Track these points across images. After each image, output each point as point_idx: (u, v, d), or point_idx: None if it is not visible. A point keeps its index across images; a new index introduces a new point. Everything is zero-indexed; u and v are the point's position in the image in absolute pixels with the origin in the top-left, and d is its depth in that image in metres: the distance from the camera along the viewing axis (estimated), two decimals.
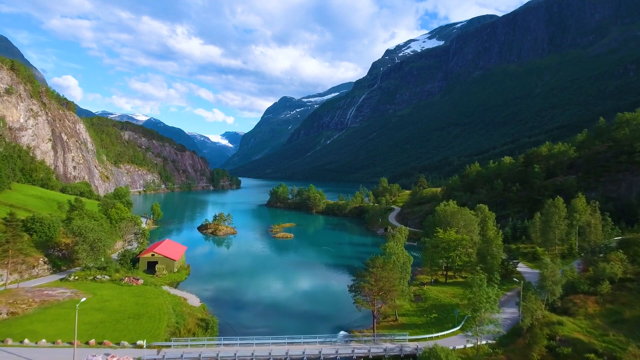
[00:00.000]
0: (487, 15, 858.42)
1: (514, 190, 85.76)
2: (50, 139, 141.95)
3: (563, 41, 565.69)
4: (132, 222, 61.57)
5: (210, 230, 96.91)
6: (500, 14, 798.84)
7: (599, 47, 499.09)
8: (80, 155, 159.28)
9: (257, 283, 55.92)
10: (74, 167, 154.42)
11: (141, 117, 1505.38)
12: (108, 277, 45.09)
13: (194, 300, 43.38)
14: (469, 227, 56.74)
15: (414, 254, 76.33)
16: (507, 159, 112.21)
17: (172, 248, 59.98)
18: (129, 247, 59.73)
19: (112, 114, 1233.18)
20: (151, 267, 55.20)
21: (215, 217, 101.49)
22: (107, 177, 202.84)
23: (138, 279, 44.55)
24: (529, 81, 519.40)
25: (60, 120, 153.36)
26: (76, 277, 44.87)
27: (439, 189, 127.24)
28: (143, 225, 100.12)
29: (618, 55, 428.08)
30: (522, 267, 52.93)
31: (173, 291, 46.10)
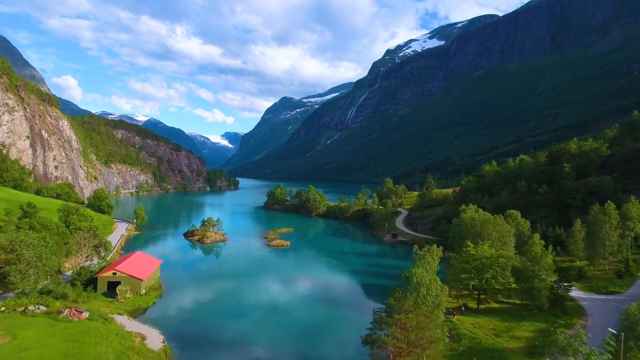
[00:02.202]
0: (487, 15, 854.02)
1: (541, 192, 75.63)
2: (28, 137, 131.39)
3: (565, 40, 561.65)
4: (90, 233, 51.05)
5: (196, 238, 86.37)
6: (500, 14, 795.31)
7: (601, 46, 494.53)
8: (63, 154, 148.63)
9: (241, 308, 45.43)
10: (56, 167, 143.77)
11: (141, 118, 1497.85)
12: (45, 308, 34.67)
13: (154, 339, 32.99)
14: (503, 240, 46.49)
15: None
16: (527, 158, 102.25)
17: (140, 264, 49.48)
18: (88, 264, 49.24)
19: (111, 114, 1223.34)
20: (113, 288, 44.78)
21: (203, 222, 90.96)
22: (95, 178, 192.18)
23: (82, 312, 34.10)
24: (530, 81, 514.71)
25: (40, 117, 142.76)
26: (2, 308, 34.45)
27: (449, 190, 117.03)
28: (122, 231, 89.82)
29: (621, 54, 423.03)
30: (574, 291, 42.25)
31: (131, 325, 35.66)
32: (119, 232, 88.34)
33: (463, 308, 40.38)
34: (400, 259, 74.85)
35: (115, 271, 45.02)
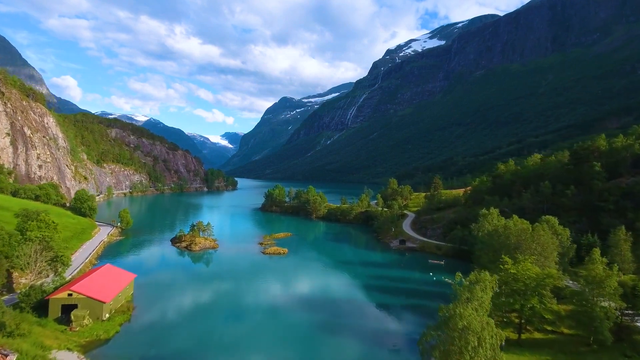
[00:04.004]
0: (488, 14, 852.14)
1: (569, 194, 67.66)
2: (8, 134, 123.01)
3: (567, 40, 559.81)
4: (42, 245, 42.48)
5: (184, 244, 78.05)
6: (500, 14, 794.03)
7: (603, 46, 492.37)
8: (48, 153, 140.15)
9: (226, 338, 37.19)
10: (40, 166, 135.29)
11: (141, 118, 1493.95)
12: None
13: None
14: (544, 254, 38.30)
15: (447, 279, 57.98)
16: (537, 156, 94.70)
17: (106, 280, 41.19)
18: (40, 282, 40.80)
19: (111, 114, 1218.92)
20: (69, 312, 36.52)
21: (192, 227, 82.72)
22: (85, 178, 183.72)
23: (7, 354, 26.04)
24: (532, 80, 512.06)
25: (23, 113, 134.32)
26: None
27: (460, 191, 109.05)
28: (103, 237, 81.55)
29: (623, 53, 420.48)
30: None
31: None
32: (99, 238, 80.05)
33: (503, 343, 32.17)
34: (410, 270, 66.80)
35: (71, 291, 36.75)
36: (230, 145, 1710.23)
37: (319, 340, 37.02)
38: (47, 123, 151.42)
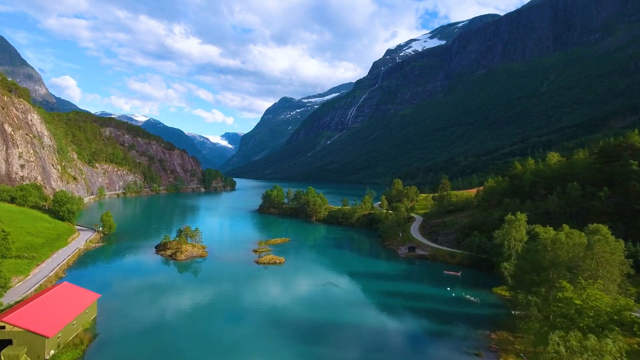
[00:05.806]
0: (488, 14, 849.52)
1: (602, 196, 60.03)
2: None
3: (568, 39, 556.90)
4: None
5: (169, 252, 70.09)
6: (501, 13, 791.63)
7: (605, 45, 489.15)
8: (32, 152, 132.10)
9: None
10: (22, 166, 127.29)
11: (140, 118, 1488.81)
12: None
13: None
14: (606, 275, 30.24)
15: (468, 295, 50.23)
16: (554, 154, 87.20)
17: (54, 306, 33.19)
18: None
19: (111, 114, 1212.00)
20: (2, 349, 28.66)
21: (179, 232, 74.87)
22: (75, 178, 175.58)
23: None
24: (534, 80, 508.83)
25: (3, 109, 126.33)
26: None
27: (471, 192, 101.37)
28: (80, 244, 73.56)
29: (626, 53, 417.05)
30: None
31: None
32: (75, 245, 72.09)
33: None
34: (423, 283, 58.93)
35: (3, 323, 28.86)
36: (230, 146, 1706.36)
37: None
38: (31, 120, 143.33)
